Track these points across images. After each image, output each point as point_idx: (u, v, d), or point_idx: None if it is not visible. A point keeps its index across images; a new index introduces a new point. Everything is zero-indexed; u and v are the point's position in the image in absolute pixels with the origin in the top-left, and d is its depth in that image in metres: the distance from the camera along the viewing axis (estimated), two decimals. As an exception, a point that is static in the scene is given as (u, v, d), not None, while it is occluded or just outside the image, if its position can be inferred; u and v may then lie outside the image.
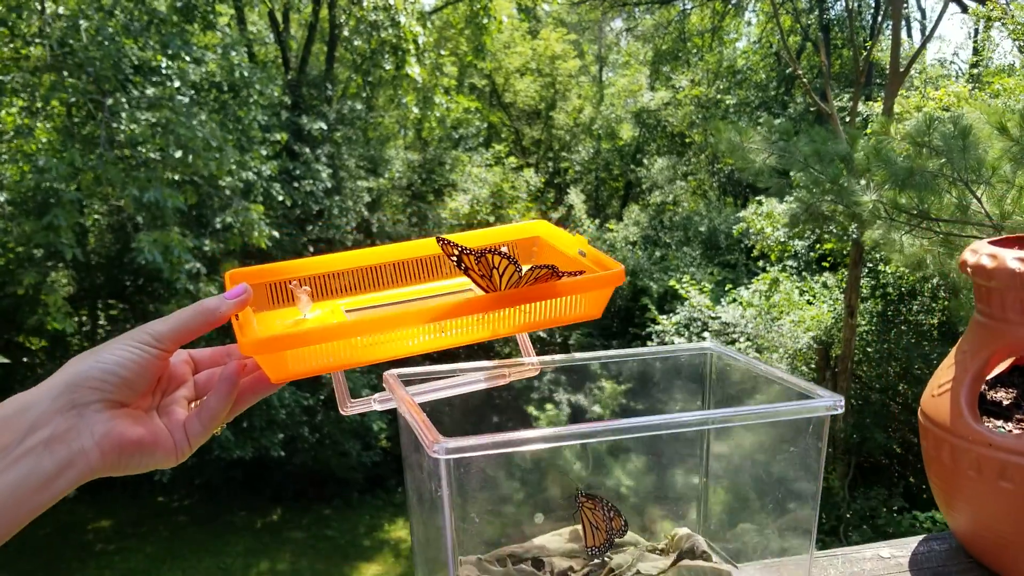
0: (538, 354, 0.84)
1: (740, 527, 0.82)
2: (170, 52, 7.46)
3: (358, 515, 9.83)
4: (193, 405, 0.72)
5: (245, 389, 0.72)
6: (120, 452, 0.62)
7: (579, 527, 0.80)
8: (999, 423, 0.81)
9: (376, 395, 0.78)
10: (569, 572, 0.78)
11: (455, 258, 0.77)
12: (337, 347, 0.70)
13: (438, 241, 0.78)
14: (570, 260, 0.85)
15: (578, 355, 0.86)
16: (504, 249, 0.77)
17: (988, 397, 0.86)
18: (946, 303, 9.28)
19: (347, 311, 0.83)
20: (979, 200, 3.59)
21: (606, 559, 0.79)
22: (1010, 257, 0.76)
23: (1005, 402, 0.85)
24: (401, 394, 0.72)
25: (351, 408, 0.77)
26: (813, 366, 9.32)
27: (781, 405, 0.70)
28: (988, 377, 0.87)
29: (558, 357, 0.86)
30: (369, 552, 8.99)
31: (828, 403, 0.69)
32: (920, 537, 0.90)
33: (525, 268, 0.76)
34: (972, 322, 0.85)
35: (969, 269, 0.81)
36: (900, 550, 0.87)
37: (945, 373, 0.84)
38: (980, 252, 0.80)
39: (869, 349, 9.37)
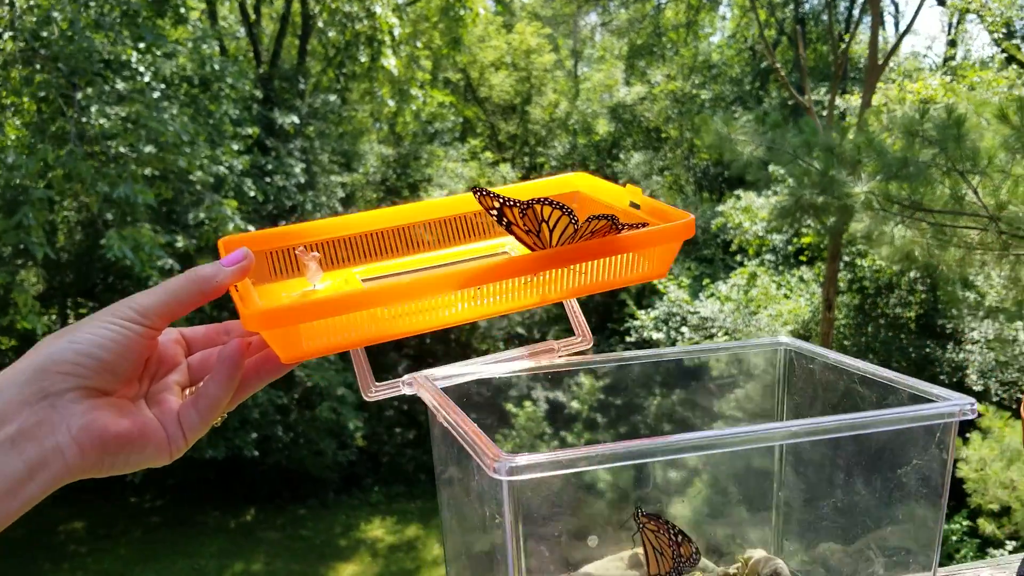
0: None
1: (826, 552, 0.71)
2: (142, 46, 7.29)
3: (334, 515, 9.70)
4: (187, 392, 0.60)
5: (249, 372, 0.60)
6: (102, 449, 0.51)
7: (640, 551, 0.70)
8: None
9: (405, 377, 0.67)
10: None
11: (495, 212, 0.66)
12: (359, 319, 0.59)
13: (475, 192, 0.67)
14: (622, 214, 0.73)
15: (627, 354, 0.76)
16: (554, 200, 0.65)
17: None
18: (923, 296, 9.32)
19: (364, 280, 0.72)
20: (974, 190, 3.54)
21: None
22: None
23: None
24: (439, 401, 0.61)
25: (376, 393, 0.66)
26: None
27: (900, 410, 0.59)
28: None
29: (604, 357, 0.76)
30: (345, 552, 8.87)
31: (957, 406, 0.58)
32: (1021, 556, 0.80)
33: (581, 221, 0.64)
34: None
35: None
36: (1002, 572, 0.77)
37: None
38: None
39: (847, 342, 9.39)
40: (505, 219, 0.65)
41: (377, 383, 0.65)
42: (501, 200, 0.65)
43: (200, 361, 0.62)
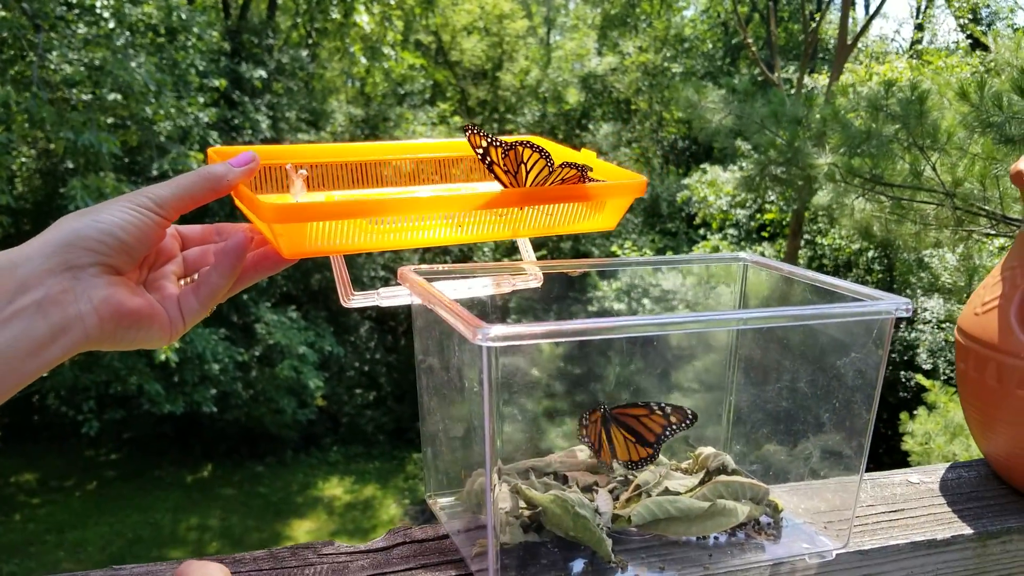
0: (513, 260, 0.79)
1: (771, 443, 0.77)
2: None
3: (291, 473, 9.71)
4: (183, 282, 0.64)
5: (248, 265, 0.65)
6: (118, 322, 0.55)
7: (603, 444, 0.74)
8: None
9: (381, 289, 0.71)
10: (594, 487, 0.72)
11: (481, 150, 0.72)
12: (358, 226, 0.64)
13: (466, 130, 0.73)
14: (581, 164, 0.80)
15: (591, 261, 0.80)
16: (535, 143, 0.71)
17: None
18: (880, 276, 9.51)
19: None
20: (933, 167, 3.63)
21: (631, 476, 0.74)
22: (1074, 163, 0.72)
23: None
24: (425, 287, 0.65)
25: (354, 300, 0.69)
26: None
27: (839, 305, 0.64)
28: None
29: (575, 262, 0.80)
30: (302, 509, 8.90)
31: (894, 305, 0.63)
32: (946, 465, 0.86)
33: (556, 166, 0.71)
34: (1019, 236, 0.81)
35: (1025, 179, 0.76)
36: (929, 476, 0.83)
37: (989, 291, 0.80)
38: (1038, 160, 0.75)
39: (804, 319, 9.55)
40: (488, 158, 0.71)
41: (356, 291, 0.69)
42: (489, 139, 0.71)
43: (197, 255, 0.66)
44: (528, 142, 0.71)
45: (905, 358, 8.84)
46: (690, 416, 0.72)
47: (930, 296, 8.78)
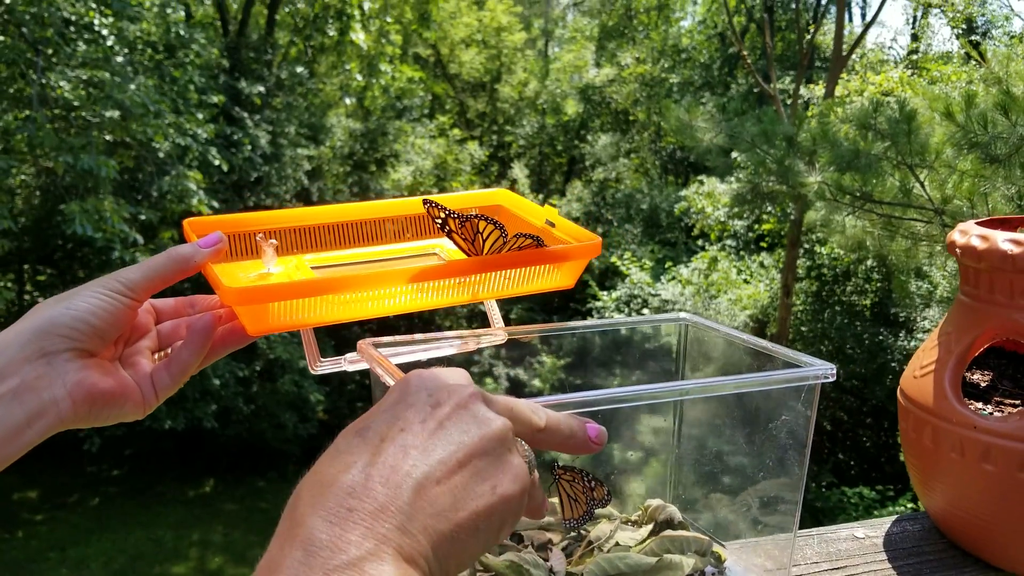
0: (473, 328, 0.82)
1: (713, 498, 0.81)
2: (105, 8, 7.16)
3: (293, 487, 9.63)
4: (156, 356, 0.68)
5: (217, 341, 0.68)
6: (91, 404, 0.59)
7: (555, 500, 0.77)
8: (979, 405, 0.80)
9: (348, 355, 0.75)
10: (548, 545, 0.76)
11: (440, 220, 0.76)
12: (320, 301, 0.67)
13: (424, 203, 0.77)
14: (538, 230, 0.83)
15: (540, 327, 0.84)
16: (490, 216, 0.75)
17: (965, 379, 0.85)
18: (878, 285, 9.52)
19: (313, 267, 0.81)
20: (921, 184, 3.66)
21: (583, 531, 0.77)
22: (1001, 239, 0.75)
23: (982, 384, 0.85)
24: (379, 359, 0.68)
25: (321, 367, 0.73)
26: (750, 344, 9.50)
27: (770, 373, 0.68)
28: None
29: (526, 328, 0.83)
30: (304, 524, 8.90)
31: (820, 371, 0.67)
32: (892, 518, 0.89)
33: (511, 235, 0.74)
34: (956, 303, 0.84)
35: (958, 250, 0.79)
36: (874, 531, 0.86)
37: (927, 354, 0.83)
38: (970, 233, 0.78)
39: (803, 328, 9.57)
40: (447, 227, 0.75)
41: (322, 359, 0.73)
42: (447, 212, 0.74)
43: (170, 329, 0.70)
44: (484, 215, 0.75)
45: (905, 367, 8.84)
46: (606, 496, 0.75)
47: (928, 305, 8.79)
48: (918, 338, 8.89)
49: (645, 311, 10.46)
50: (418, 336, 0.78)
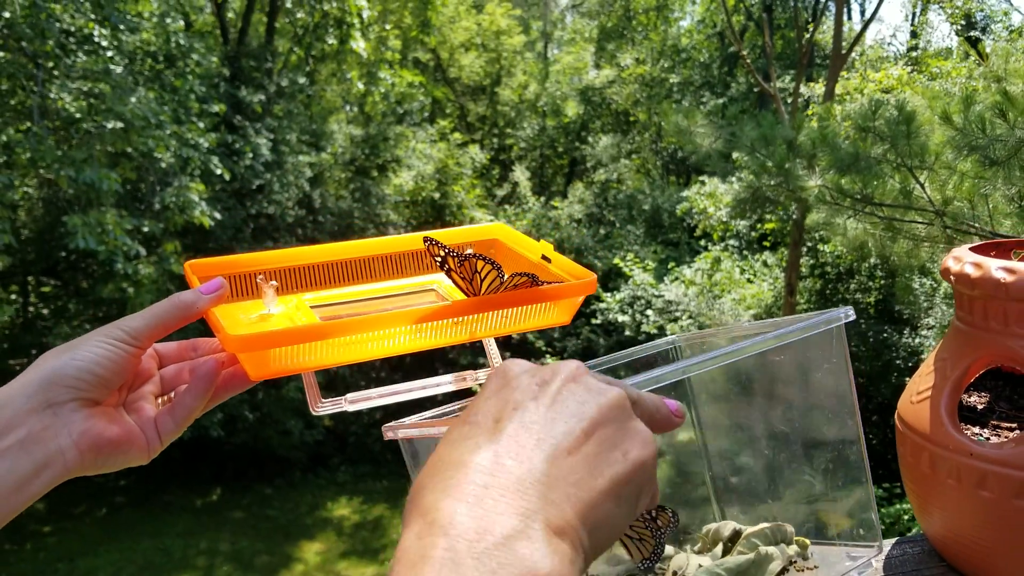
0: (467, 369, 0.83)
1: (761, 494, 0.80)
2: (104, 19, 7.17)
3: (300, 494, 9.74)
4: (160, 400, 0.69)
5: (219, 386, 0.69)
6: (97, 452, 0.60)
7: (621, 550, 0.75)
8: (976, 429, 0.81)
9: (348, 395, 0.76)
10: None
11: (439, 259, 0.77)
12: (321, 345, 0.68)
13: (425, 241, 0.77)
14: (533, 266, 0.85)
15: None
16: (486, 256, 0.76)
17: (962, 402, 0.86)
18: (882, 282, 9.51)
19: (312, 306, 0.82)
20: (922, 186, 3.66)
21: (659, 570, 0.77)
22: (995, 267, 0.76)
23: (979, 407, 0.85)
24: (412, 427, 0.70)
25: (321, 408, 0.74)
26: (754, 344, 9.51)
27: (790, 328, 0.67)
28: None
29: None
30: (311, 531, 8.93)
31: (838, 313, 0.67)
32: (893, 540, 0.90)
33: (507, 275, 0.75)
34: (951, 329, 0.84)
35: (952, 277, 0.80)
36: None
37: (924, 380, 0.84)
38: (964, 260, 0.79)
39: (807, 327, 9.55)
40: (447, 265, 0.76)
41: (323, 399, 0.74)
42: (446, 251, 0.75)
43: (173, 374, 0.71)
44: (482, 255, 0.76)
45: (910, 364, 8.84)
46: (673, 520, 0.72)
47: (932, 302, 8.77)
48: (922, 335, 8.88)
49: (649, 312, 10.46)
50: (428, 414, 0.78)
